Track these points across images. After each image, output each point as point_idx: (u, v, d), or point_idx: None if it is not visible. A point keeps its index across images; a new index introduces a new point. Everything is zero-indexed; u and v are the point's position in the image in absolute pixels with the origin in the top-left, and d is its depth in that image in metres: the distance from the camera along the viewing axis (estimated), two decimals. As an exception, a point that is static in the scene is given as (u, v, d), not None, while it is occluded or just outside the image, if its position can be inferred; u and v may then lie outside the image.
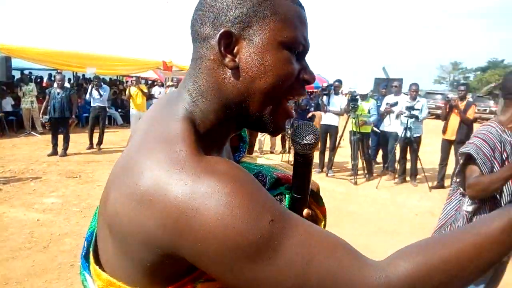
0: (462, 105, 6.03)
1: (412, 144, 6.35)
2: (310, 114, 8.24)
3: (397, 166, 6.79)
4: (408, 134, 6.24)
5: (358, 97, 6.74)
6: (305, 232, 0.51)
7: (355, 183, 6.46)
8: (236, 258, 0.48)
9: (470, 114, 5.99)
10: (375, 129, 7.15)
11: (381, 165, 7.38)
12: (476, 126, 6.40)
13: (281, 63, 0.59)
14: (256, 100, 0.61)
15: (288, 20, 0.60)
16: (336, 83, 7.24)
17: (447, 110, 6.14)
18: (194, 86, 0.62)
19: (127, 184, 0.53)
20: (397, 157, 6.84)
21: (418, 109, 6.29)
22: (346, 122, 6.99)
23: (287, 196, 0.74)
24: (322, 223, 0.82)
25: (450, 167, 6.29)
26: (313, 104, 11.22)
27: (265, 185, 0.77)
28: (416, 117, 6.26)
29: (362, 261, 0.51)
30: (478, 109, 16.06)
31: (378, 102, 7.33)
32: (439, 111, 11.19)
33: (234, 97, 0.61)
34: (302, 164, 0.71)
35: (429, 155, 8.15)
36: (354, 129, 6.60)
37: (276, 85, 0.60)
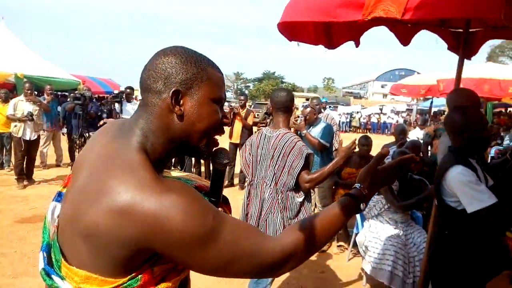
0: (243, 112, 6.90)
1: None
2: (101, 122, 7.73)
3: (193, 170, 7.18)
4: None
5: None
6: (232, 223, 0.80)
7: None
8: (193, 245, 0.73)
9: (250, 120, 6.93)
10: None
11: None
12: (255, 129, 7.53)
13: (212, 113, 0.87)
14: (195, 137, 0.86)
15: (216, 84, 0.88)
16: (128, 90, 7.06)
17: (231, 116, 6.90)
18: (146, 125, 0.84)
19: (107, 202, 0.72)
20: (193, 162, 7.26)
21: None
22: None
23: (207, 199, 0.95)
24: None
25: (237, 167, 7.09)
26: (105, 111, 10.57)
27: None
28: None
29: (265, 237, 0.85)
30: (258, 115, 18.70)
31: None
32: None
33: (179, 134, 0.85)
34: (220, 177, 1.00)
35: (220, 157, 8.97)
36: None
37: (209, 127, 0.87)
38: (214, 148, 0.95)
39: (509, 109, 16.27)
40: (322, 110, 5.54)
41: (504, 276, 3.59)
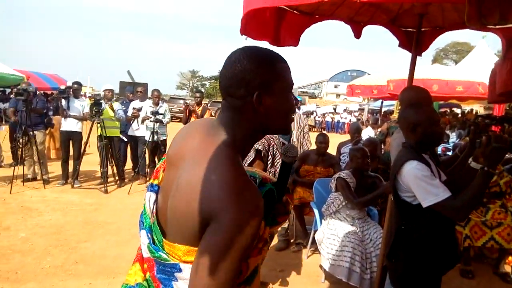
0: (199, 110, 6.75)
1: (159, 147, 6.63)
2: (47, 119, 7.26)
3: (148, 171, 6.93)
4: (156, 138, 6.48)
5: (102, 101, 6.45)
6: (245, 236, 0.86)
7: (106, 192, 6.18)
8: (227, 233, 0.83)
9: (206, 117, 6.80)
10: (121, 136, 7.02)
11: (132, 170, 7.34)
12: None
13: (287, 101, 1.02)
14: (278, 124, 1.03)
15: (286, 76, 1.01)
16: (75, 85, 6.65)
17: (187, 114, 6.73)
18: (234, 124, 0.99)
19: (201, 195, 0.86)
20: (147, 161, 7.00)
21: (162, 114, 6.63)
22: (91, 128, 6.58)
23: (275, 189, 1.16)
24: (291, 206, 1.34)
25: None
26: (52, 108, 9.95)
27: (256, 183, 1.16)
28: (161, 121, 6.59)
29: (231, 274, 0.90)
30: (214, 113, 18.52)
31: (123, 106, 7.17)
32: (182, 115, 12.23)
33: (263, 126, 1.01)
34: (288, 169, 1.19)
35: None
36: (102, 134, 6.30)
37: (287, 114, 1.04)
38: (285, 144, 1.13)
39: (453, 108, 17.37)
40: (297, 109, 5.53)
41: (455, 271, 3.75)
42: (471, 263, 3.88)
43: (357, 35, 3.09)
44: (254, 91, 0.95)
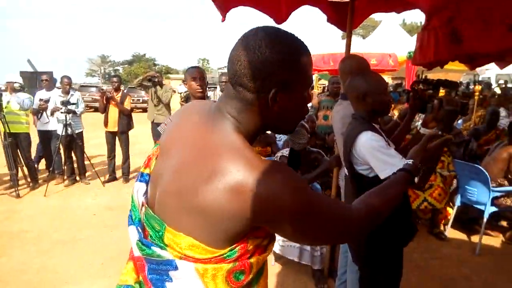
0: (118, 96, 6.18)
1: (75, 141, 5.97)
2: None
3: (65, 168, 6.23)
4: (70, 131, 5.81)
5: (2, 93, 5.59)
6: (320, 195, 0.92)
7: (18, 196, 5.44)
8: (298, 219, 0.82)
9: (127, 105, 6.25)
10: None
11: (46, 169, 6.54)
12: (134, 115, 6.87)
13: (304, 102, 0.94)
14: (289, 124, 0.96)
15: (308, 74, 0.90)
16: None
17: (105, 102, 6.13)
18: (239, 115, 0.89)
19: (220, 181, 0.79)
20: (63, 157, 6.28)
21: (74, 103, 5.94)
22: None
23: None
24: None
25: (119, 159, 6.41)
26: None
27: None
28: (74, 112, 5.91)
29: (345, 205, 1.00)
30: (133, 100, 17.43)
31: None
32: (96, 104, 11.23)
33: (273, 123, 0.93)
34: (297, 156, 1.46)
35: (95, 149, 8.05)
36: (6, 131, 5.46)
37: (301, 115, 0.97)
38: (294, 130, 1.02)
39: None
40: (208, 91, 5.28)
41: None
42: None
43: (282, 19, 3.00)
44: (272, 87, 0.84)
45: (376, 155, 1.75)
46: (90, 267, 3.43)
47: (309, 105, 5.88)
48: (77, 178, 6.29)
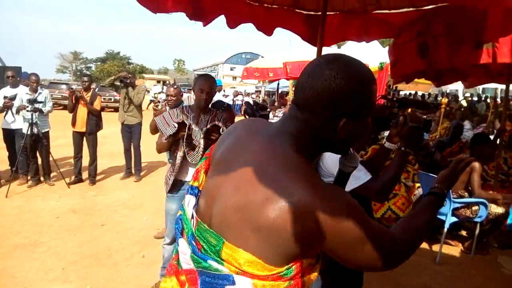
0: (87, 96, 6.03)
1: (41, 140, 5.77)
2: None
3: (30, 167, 6.00)
4: (36, 130, 5.61)
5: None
6: (374, 224, 0.92)
7: (-25, 198, 5.18)
8: (355, 244, 0.86)
9: (97, 105, 6.10)
10: None
11: (10, 169, 6.27)
12: (103, 114, 6.72)
13: (366, 129, 0.97)
14: (349, 148, 1.01)
15: (373, 101, 0.94)
16: None
17: (74, 101, 5.96)
18: (304, 137, 0.92)
19: (285, 202, 0.81)
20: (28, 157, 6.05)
21: (41, 102, 5.75)
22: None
23: None
24: None
25: (86, 160, 6.24)
26: None
27: None
28: (41, 111, 5.71)
29: (391, 232, 0.99)
30: (104, 99, 17.04)
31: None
32: (66, 102, 10.84)
33: (334, 147, 0.97)
34: (345, 178, 1.09)
35: (62, 149, 7.80)
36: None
37: (361, 141, 1.08)
38: (347, 154, 1.04)
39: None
40: (218, 92, 5.26)
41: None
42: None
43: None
44: (342, 117, 0.89)
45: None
46: (50, 272, 3.32)
47: (281, 112, 5.94)
48: (41, 178, 6.07)
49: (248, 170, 0.89)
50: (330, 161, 1.82)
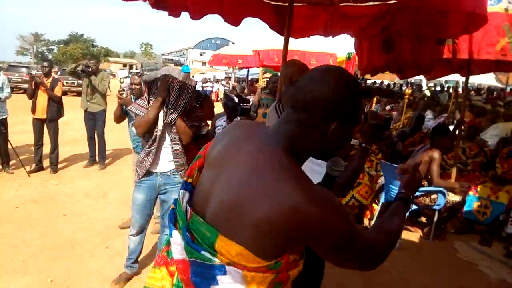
0: (48, 81, 5.76)
1: (-2, 127, 5.49)
2: None
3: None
4: (-8, 116, 5.32)
5: None
6: (355, 225, 0.99)
7: None
8: (340, 243, 0.95)
9: (58, 91, 5.84)
10: None
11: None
12: (65, 99, 6.44)
13: (351, 135, 1.08)
14: (335, 150, 1.08)
15: (359, 109, 1.06)
16: None
17: (33, 87, 5.69)
18: (296, 138, 1.01)
19: (278, 202, 0.88)
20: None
21: (-2, 87, 5.45)
22: None
23: None
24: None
25: (47, 147, 6.00)
26: None
27: None
28: (-3, 97, 5.43)
29: (369, 234, 1.12)
30: (67, 83, 16.35)
31: None
32: (27, 86, 10.29)
33: (322, 148, 1.05)
34: (332, 181, 1.36)
35: (22, 135, 7.46)
36: None
37: (347, 144, 1.10)
38: (332, 158, 1.14)
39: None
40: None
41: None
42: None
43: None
44: (334, 120, 0.98)
45: (308, 164, 1.81)
46: (9, 264, 3.21)
47: (250, 101, 5.92)
48: (0, 167, 5.81)
49: (243, 169, 0.96)
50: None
